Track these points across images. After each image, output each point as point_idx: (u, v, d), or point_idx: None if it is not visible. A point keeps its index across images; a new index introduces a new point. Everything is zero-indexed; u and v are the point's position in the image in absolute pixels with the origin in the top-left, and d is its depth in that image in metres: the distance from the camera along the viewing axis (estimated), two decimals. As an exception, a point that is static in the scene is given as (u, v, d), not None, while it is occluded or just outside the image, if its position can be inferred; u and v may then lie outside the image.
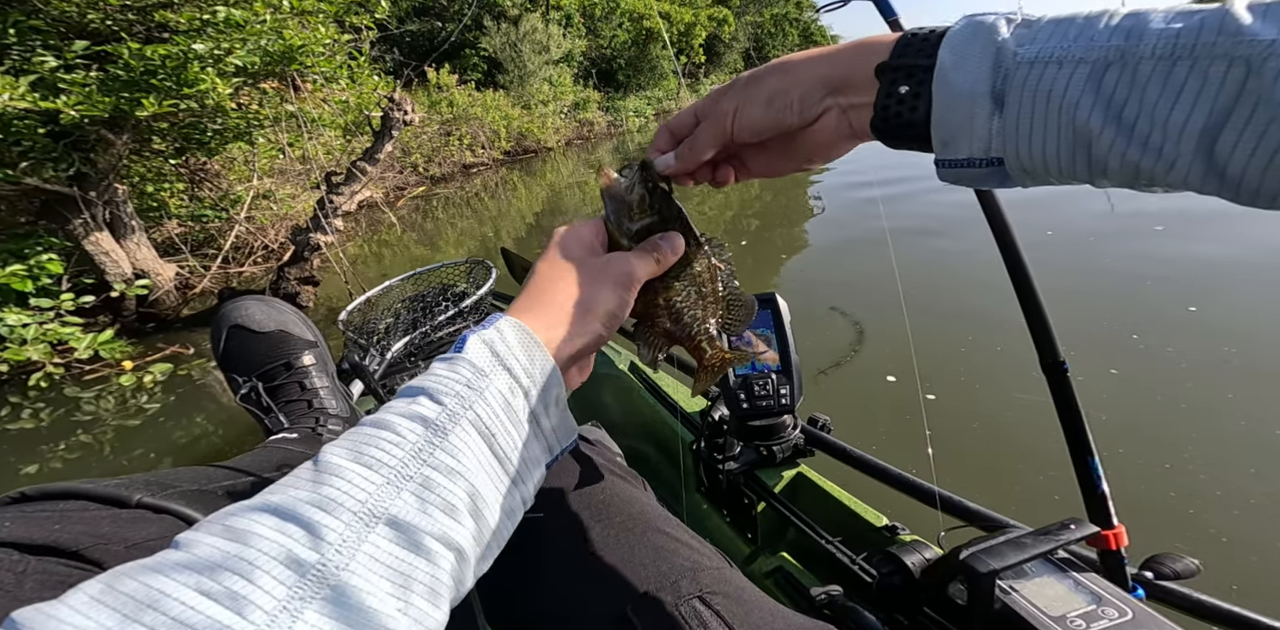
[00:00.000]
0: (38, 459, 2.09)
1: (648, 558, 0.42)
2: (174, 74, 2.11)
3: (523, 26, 10.95)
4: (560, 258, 0.35)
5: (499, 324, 0.31)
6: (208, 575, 0.20)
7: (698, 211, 4.52)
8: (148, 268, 2.83)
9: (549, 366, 0.31)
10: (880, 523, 0.72)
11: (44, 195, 2.38)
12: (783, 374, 0.75)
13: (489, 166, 9.03)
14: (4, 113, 1.72)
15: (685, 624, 0.36)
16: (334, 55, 3.16)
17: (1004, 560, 0.45)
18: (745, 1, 27.90)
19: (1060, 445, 0.64)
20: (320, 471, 0.25)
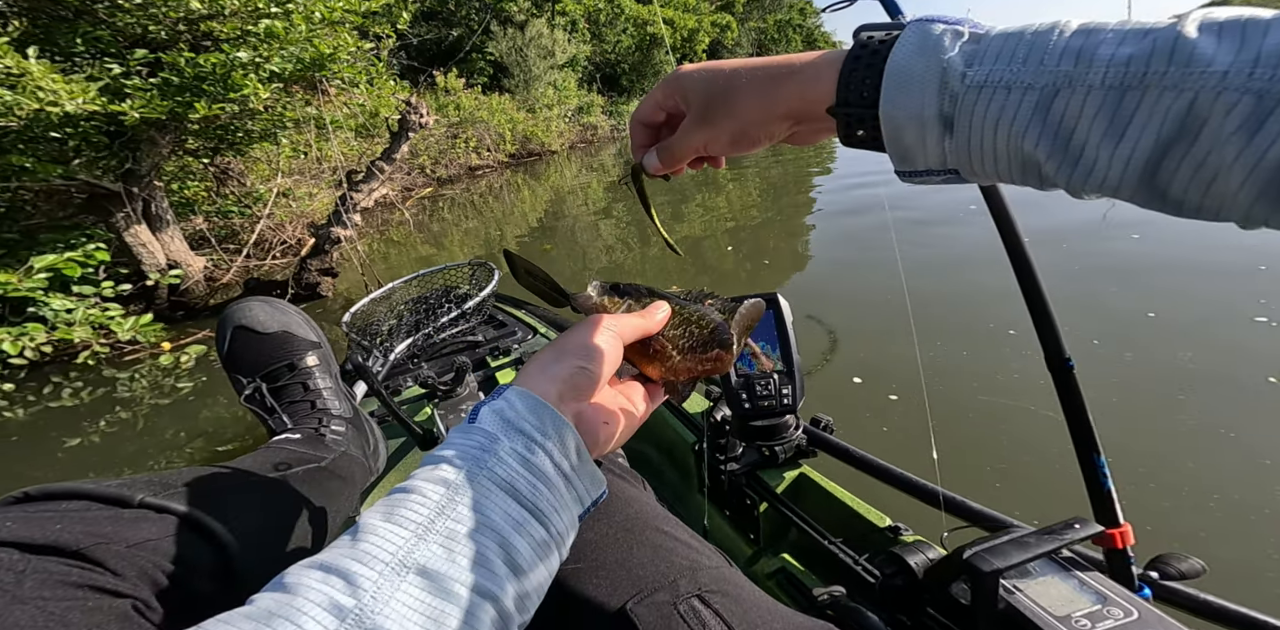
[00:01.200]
0: (79, 434, 2.28)
1: (647, 556, 0.43)
2: (221, 80, 2.35)
3: (529, 31, 11.26)
4: (561, 342, 0.37)
5: (506, 394, 0.33)
6: (264, 622, 0.24)
7: (701, 209, 4.71)
8: (180, 259, 3.06)
9: (561, 423, 0.33)
10: (883, 523, 0.72)
11: (91, 190, 2.61)
12: (785, 374, 0.76)
13: (494, 169, 9.29)
14: (75, 114, 1.95)
15: (684, 622, 0.37)
16: (356, 62, 3.41)
17: (1008, 559, 0.45)
18: (749, 7, 28.32)
19: (1061, 445, 0.67)
20: (359, 531, 0.28)
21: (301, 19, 2.67)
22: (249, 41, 2.59)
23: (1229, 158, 0.21)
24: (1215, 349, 1.78)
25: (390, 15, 3.46)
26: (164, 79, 2.22)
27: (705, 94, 0.36)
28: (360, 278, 3.77)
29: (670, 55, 17.83)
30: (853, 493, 0.80)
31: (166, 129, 2.52)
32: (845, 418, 1.61)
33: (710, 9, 20.95)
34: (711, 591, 0.39)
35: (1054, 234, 3.07)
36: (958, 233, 3.35)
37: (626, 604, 0.38)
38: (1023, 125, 0.25)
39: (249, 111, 2.67)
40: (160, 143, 2.59)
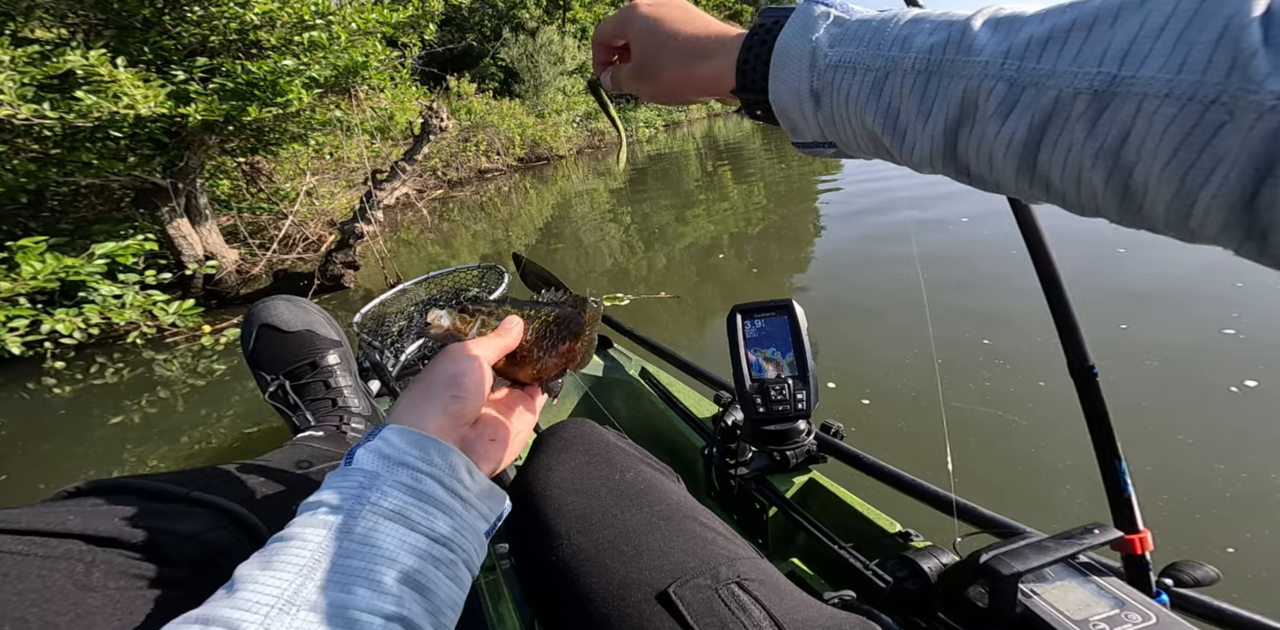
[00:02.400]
0: (121, 412, 2.48)
1: (687, 544, 0.44)
2: (270, 85, 2.60)
3: (540, 38, 11.60)
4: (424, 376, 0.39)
5: (382, 434, 0.33)
6: None
7: (708, 215, 4.91)
8: (216, 251, 3.30)
9: (446, 450, 0.34)
10: (893, 529, 0.73)
11: (140, 185, 2.86)
12: (799, 379, 0.77)
13: (503, 172, 9.57)
14: (146, 116, 2.19)
15: (725, 605, 0.38)
16: (385, 69, 3.67)
17: (1027, 563, 0.46)
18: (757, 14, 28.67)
19: (1071, 452, 0.75)
20: (235, 583, 0.27)
21: (342, 30, 2.93)
22: (292, 50, 2.85)
23: (991, 136, 0.24)
24: (1182, 359, 1.79)
25: (418, 26, 3.72)
26: (220, 84, 2.47)
27: (640, 49, 0.39)
28: (381, 271, 4.01)
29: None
30: (862, 499, 0.80)
31: (214, 130, 2.77)
32: (855, 423, 1.63)
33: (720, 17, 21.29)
34: (749, 579, 0.40)
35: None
36: (975, 234, 3.31)
37: (670, 587, 0.39)
38: (862, 103, 0.28)
39: (289, 114, 2.92)
40: (208, 142, 2.84)
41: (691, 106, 19.13)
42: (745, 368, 0.79)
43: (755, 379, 0.78)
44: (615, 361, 1.27)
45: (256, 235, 4.11)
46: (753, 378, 0.79)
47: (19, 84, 1.89)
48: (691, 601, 0.38)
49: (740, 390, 0.79)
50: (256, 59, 2.74)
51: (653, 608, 0.38)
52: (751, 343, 0.81)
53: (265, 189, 3.98)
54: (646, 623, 0.37)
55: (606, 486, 0.49)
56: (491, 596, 0.77)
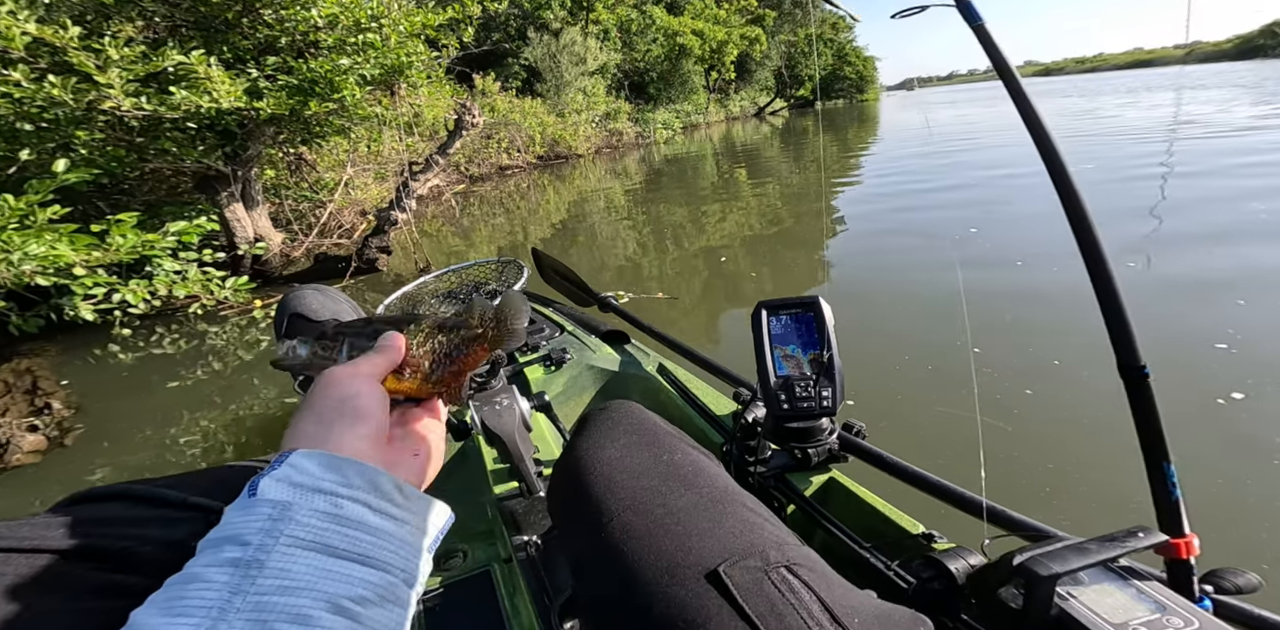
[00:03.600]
0: (177, 378, 2.77)
1: (735, 527, 0.44)
2: (329, 82, 2.90)
3: (563, 39, 11.94)
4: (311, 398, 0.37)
5: (290, 460, 0.31)
6: None
7: (722, 217, 5.12)
8: (264, 234, 3.61)
9: (368, 470, 0.32)
10: (916, 530, 0.72)
11: (205, 171, 3.17)
12: (825, 376, 0.77)
13: (523, 169, 9.90)
14: (226, 109, 2.49)
15: (775, 587, 0.38)
16: (425, 69, 3.97)
17: (1067, 564, 0.45)
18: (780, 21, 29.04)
19: (1108, 456, 0.76)
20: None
21: (392, 32, 3.23)
22: (345, 50, 3.15)
23: None
24: (1170, 370, 1.78)
25: (457, 29, 4.02)
26: (286, 81, 2.78)
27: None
28: (412, 256, 4.32)
29: (699, 65, 18.49)
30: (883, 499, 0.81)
31: (275, 122, 3.08)
32: (879, 420, 1.60)
33: (741, 22, 21.65)
34: (798, 564, 0.40)
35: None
36: (1025, 232, 3.34)
37: (720, 566, 0.39)
38: None
39: (340, 109, 3.23)
40: (267, 133, 3.15)
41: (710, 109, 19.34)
42: (769, 364, 0.80)
43: (780, 375, 0.79)
44: (632, 356, 1.27)
45: (296, 222, 4.43)
46: (777, 374, 0.79)
47: (124, 80, 2.20)
48: (741, 581, 0.38)
49: (764, 386, 0.79)
50: (313, 57, 3.05)
51: (702, 586, 0.38)
52: (776, 339, 0.81)
53: (308, 178, 4.30)
54: (696, 600, 0.38)
55: (655, 467, 0.50)
56: (507, 588, 0.77)
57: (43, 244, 2.08)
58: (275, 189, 4.10)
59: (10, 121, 2.12)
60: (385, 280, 3.94)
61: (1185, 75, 33.30)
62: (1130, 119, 9.67)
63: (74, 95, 2.10)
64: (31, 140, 2.23)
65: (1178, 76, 32.07)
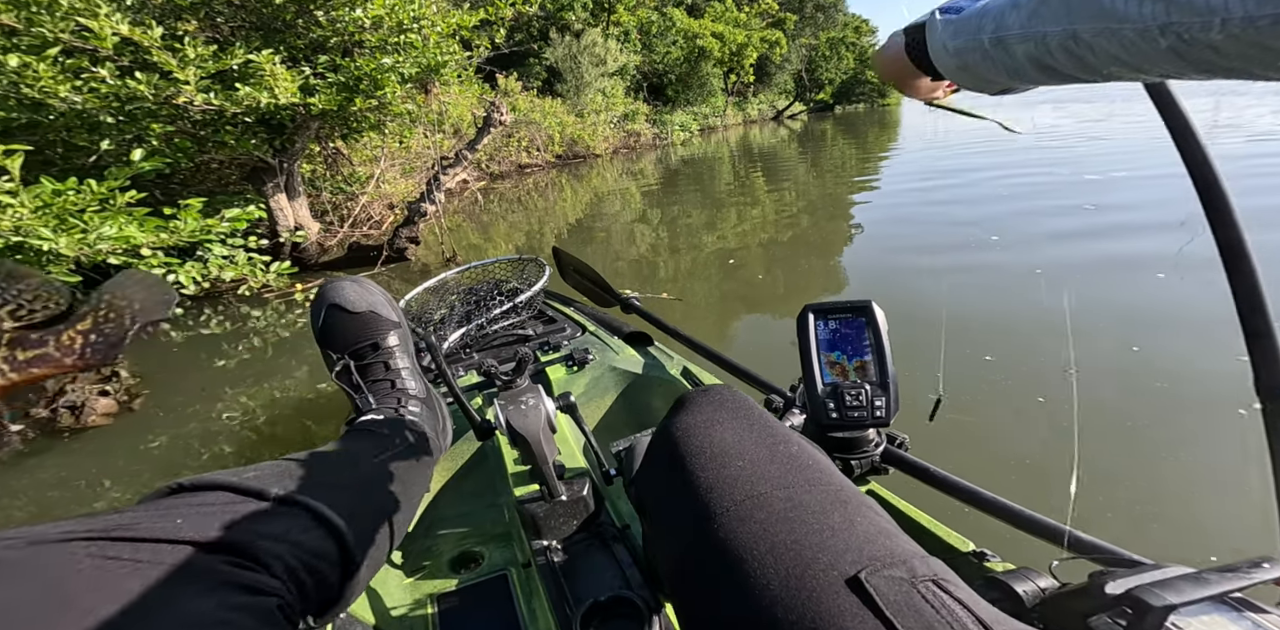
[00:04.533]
0: (222, 356, 2.99)
1: (869, 532, 0.39)
2: (373, 80, 3.14)
3: (584, 40, 12.22)
4: None
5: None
6: None
7: (738, 219, 5.27)
8: (303, 223, 3.85)
9: None
10: (966, 548, 0.70)
11: (254, 163, 3.42)
12: (879, 385, 0.75)
13: (541, 168, 10.17)
14: (283, 105, 2.73)
15: (927, 603, 0.33)
16: (458, 68, 4.21)
17: (1183, 595, 0.43)
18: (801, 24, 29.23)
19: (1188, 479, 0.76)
20: None
21: (432, 33, 3.47)
22: (388, 49, 3.38)
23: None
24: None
25: (489, 30, 4.26)
26: (334, 79, 3.02)
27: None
28: (439, 246, 4.56)
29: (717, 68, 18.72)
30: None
31: (321, 117, 3.32)
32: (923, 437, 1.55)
33: (761, 25, 21.86)
34: (947, 581, 0.35)
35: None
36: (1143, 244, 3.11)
37: (861, 573, 0.35)
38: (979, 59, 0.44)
39: (381, 105, 3.47)
40: (312, 128, 3.39)
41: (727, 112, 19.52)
42: (817, 370, 0.78)
43: (827, 383, 0.77)
44: (655, 359, 1.25)
45: (329, 213, 4.69)
46: (824, 382, 0.77)
47: (197, 77, 2.43)
48: (886, 592, 0.34)
49: (810, 394, 0.77)
50: (359, 56, 3.29)
51: (839, 592, 0.35)
52: (825, 344, 0.79)
53: (342, 172, 4.55)
54: (831, 607, 0.34)
55: (773, 457, 0.46)
56: (524, 593, 0.77)
57: (115, 225, 2.32)
58: (312, 181, 4.35)
59: (95, 114, 2.37)
60: (413, 269, 4.17)
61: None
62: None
63: (154, 91, 2.34)
64: (111, 131, 2.47)
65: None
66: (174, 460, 1.84)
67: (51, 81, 2.12)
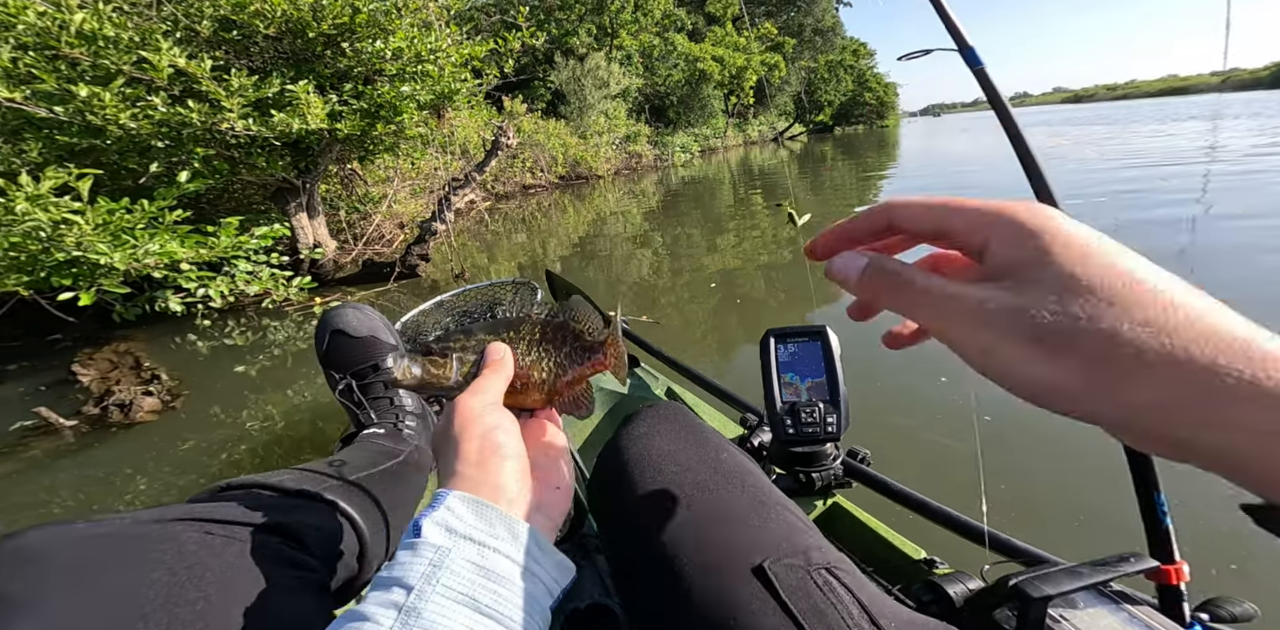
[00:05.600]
0: (244, 364, 3.20)
1: (780, 528, 0.46)
2: (392, 107, 3.42)
3: (588, 63, 12.69)
4: (452, 430, 0.39)
5: (448, 502, 0.34)
6: None
7: (737, 241, 5.50)
8: (322, 241, 4.11)
9: (510, 521, 0.35)
10: (918, 556, 0.74)
11: (279, 184, 3.69)
12: (830, 403, 0.81)
13: (545, 188, 10.51)
14: (313, 130, 3.00)
15: (818, 587, 0.39)
16: (469, 95, 4.51)
17: (1059, 587, 0.47)
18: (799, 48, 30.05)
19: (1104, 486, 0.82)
20: None
21: (447, 63, 3.77)
22: (405, 77, 3.68)
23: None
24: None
25: (499, 60, 4.57)
26: (358, 105, 3.30)
27: (1059, 291, 0.21)
28: (446, 263, 4.81)
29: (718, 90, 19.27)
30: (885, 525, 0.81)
31: (344, 141, 3.60)
32: (878, 450, 1.63)
33: (760, 48, 22.53)
34: (839, 569, 0.42)
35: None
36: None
37: (764, 562, 0.41)
38: None
39: (399, 130, 3.75)
40: (333, 151, 3.67)
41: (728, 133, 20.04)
42: (776, 389, 0.83)
43: (785, 401, 0.82)
44: (641, 380, 1.31)
45: (344, 231, 4.95)
46: (783, 400, 0.82)
47: (240, 105, 2.70)
48: (785, 578, 0.40)
49: (770, 411, 0.83)
50: (381, 84, 3.58)
51: (746, 579, 0.40)
52: (784, 366, 0.85)
53: (357, 192, 4.83)
54: (738, 592, 0.39)
55: (704, 463, 0.52)
56: None
57: (160, 242, 2.56)
58: (329, 201, 4.62)
59: (147, 139, 2.63)
60: (424, 285, 4.42)
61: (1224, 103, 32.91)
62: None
63: (202, 118, 2.60)
64: (160, 155, 2.74)
65: (1215, 104, 31.86)
66: (208, 454, 2.03)
67: (114, 109, 2.38)
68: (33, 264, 2.29)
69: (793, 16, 33.29)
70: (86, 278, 2.42)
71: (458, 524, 0.34)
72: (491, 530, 0.34)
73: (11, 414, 2.42)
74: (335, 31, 3.21)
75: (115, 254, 2.35)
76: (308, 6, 3.02)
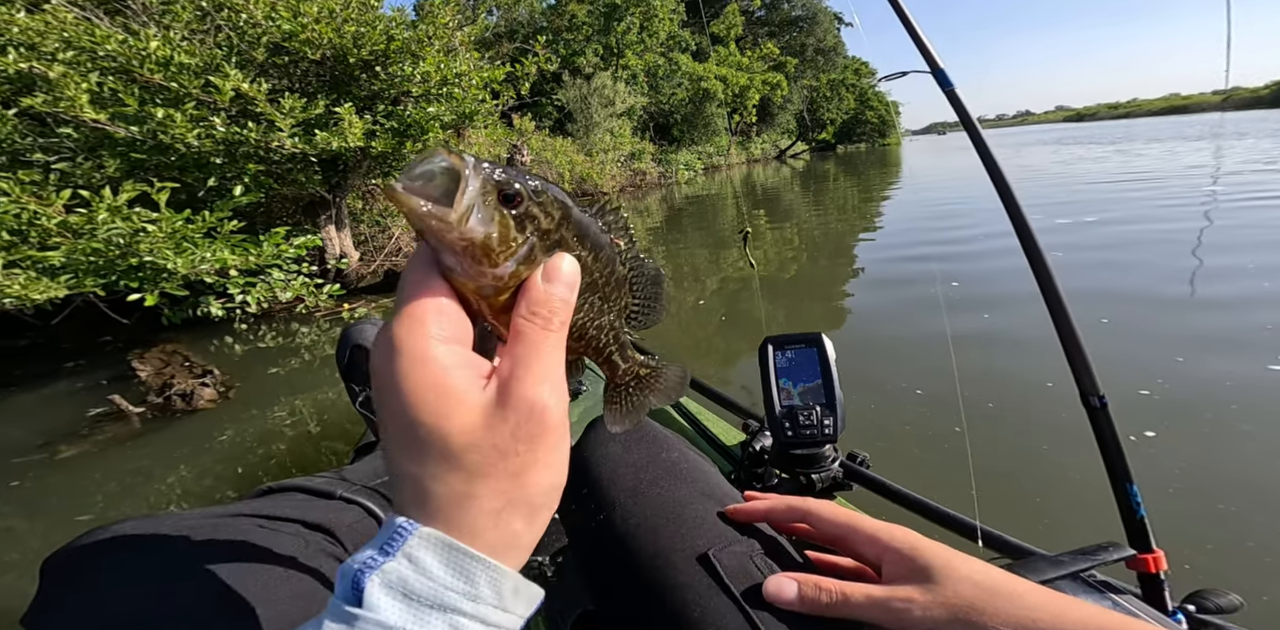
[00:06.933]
0: (276, 366, 3.47)
1: (724, 519, 0.49)
2: (420, 126, 3.75)
3: (594, 82, 13.18)
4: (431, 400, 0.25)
5: (406, 549, 0.24)
6: None
7: (740, 257, 5.77)
8: (347, 252, 4.42)
9: (497, 573, 0.25)
10: None
11: (312, 198, 4.01)
12: (827, 407, 0.85)
13: (551, 204, 10.84)
14: (350, 147, 3.32)
15: (759, 570, 0.43)
16: (487, 114, 4.86)
17: (1040, 574, 0.50)
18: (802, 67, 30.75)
19: (1089, 478, 0.83)
20: None
21: (470, 86, 4.11)
22: (430, 99, 4.02)
23: None
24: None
25: (516, 83, 4.93)
26: (389, 125, 3.63)
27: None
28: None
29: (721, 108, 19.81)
30: None
31: (377, 158, 3.93)
32: (876, 452, 1.55)
33: (763, 68, 23.15)
34: (783, 553, 0.46)
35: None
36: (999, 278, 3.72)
37: (709, 551, 0.44)
38: None
39: (424, 148, 4.08)
40: (363, 167, 4.00)
41: (731, 151, 20.50)
42: (775, 394, 0.87)
43: (784, 405, 0.86)
44: None
45: (366, 243, 5.27)
46: (782, 404, 0.86)
47: (290, 125, 3.03)
48: (728, 564, 0.43)
49: (770, 415, 0.86)
50: (409, 105, 3.92)
51: (693, 567, 0.44)
52: (781, 372, 0.88)
53: (379, 205, 5.16)
54: (687, 580, 0.43)
55: (655, 462, 0.56)
56: None
57: (214, 249, 2.86)
58: (352, 214, 4.94)
59: (207, 156, 2.95)
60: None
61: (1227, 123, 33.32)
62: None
63: (257, 137, 2.93)
64: (217, 170, 3.05)
65: (1218, 125, 32.33)
66: (257, 443, 2.28)
67: (183, 129, 2.70)
68: (108, 268, 2.58)
69: (795, 36, 34.21)
70: (151, 281, 2.71)
71: (422, 585, 0.24)
72: (473, 591, 0.25)
73: (80, 404, 2.70)
74: (372, 57, 3.56)
75: (179, 259, 2.65)
76: (350, 35, 3.36)
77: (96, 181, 2.70)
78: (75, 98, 2.54)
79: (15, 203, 2.42)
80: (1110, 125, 72.26)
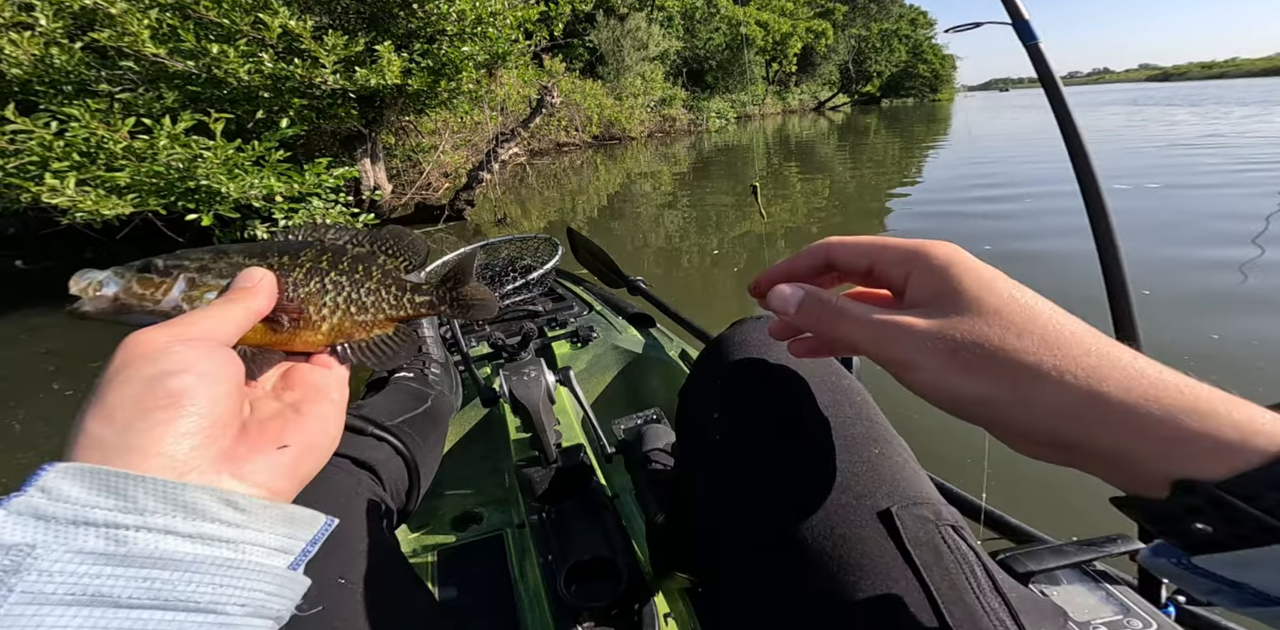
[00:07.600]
0: None
1: (907, 473, 0.42)
2: (455, 65, 3.92)
3: (628, 24, 12.92)
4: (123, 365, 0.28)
5: (41, 482, 0.24)
6: None
7: (767, 208, 5.86)
8: (381, 185, 4.69)
9: (172, 487, 0.25)
10: None
11: (349, 132, 4.24)
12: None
13: (578, 147, 10.98)
14: (388, 84, 3.53)
15: (945, 543, 0.37)
16: (519, 55, 4.98)
17: (1042, 563, 0.50)
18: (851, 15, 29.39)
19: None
20: None
21: (504, 25, 4.25)
22: (464, 38, 4.16)
23: None
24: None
25: (550, 23, 5.02)
26: (425, 63, 3.82)
27: (964, 334, 0.28)
28: (493, 208, 5.36)
29: (760, 56, 19.26)
30: None
31: (410, 95, 4.12)
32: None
33: (809, 15, 22.24)
34: (965, 531, 0.39)
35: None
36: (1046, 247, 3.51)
37: (892, 507, 0.38)
38: None
39: (457, 86, 4.26)
40: (398, 104, 4.20)
41: (767, 100, 20.03)
42: None
43: None
44: (656, 341, 1.32)
45: (398, 177, 5.54)
46: None
47: (333, 62, 3.23)
48: (912, 528, 0.37)
49: None
50: (441, 43, 4.09)
51: (869, 521, 0.38)
52: None
53: (410, 142, 5.40)
54: (860, 533, 0.37)
55: (825, 384, 0.47)
56: (517, 552, 0.85)
57: (262, 176, 3.14)
58: (387, 149, 5.19)
59: (256, 90, 3.19)
60: (468, 228, 5.00)
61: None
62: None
63: (302, 72, 3.15)
64: (264, 104, 3.30)
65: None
66: None
67: (235, 64, 2.93)
68: (168, 190, 2.88)
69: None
70: (206, 203, 3.01)
71: (60, 508, 0.23)
72: (131, 504, 0.24)
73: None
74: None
75: (231, 184, 2.93)
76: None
77: (156, 111, 2.96)
78: (138, 33, 2.77)
79: (85, 128, 2.70)
80: (1201, 86, 65.92)
